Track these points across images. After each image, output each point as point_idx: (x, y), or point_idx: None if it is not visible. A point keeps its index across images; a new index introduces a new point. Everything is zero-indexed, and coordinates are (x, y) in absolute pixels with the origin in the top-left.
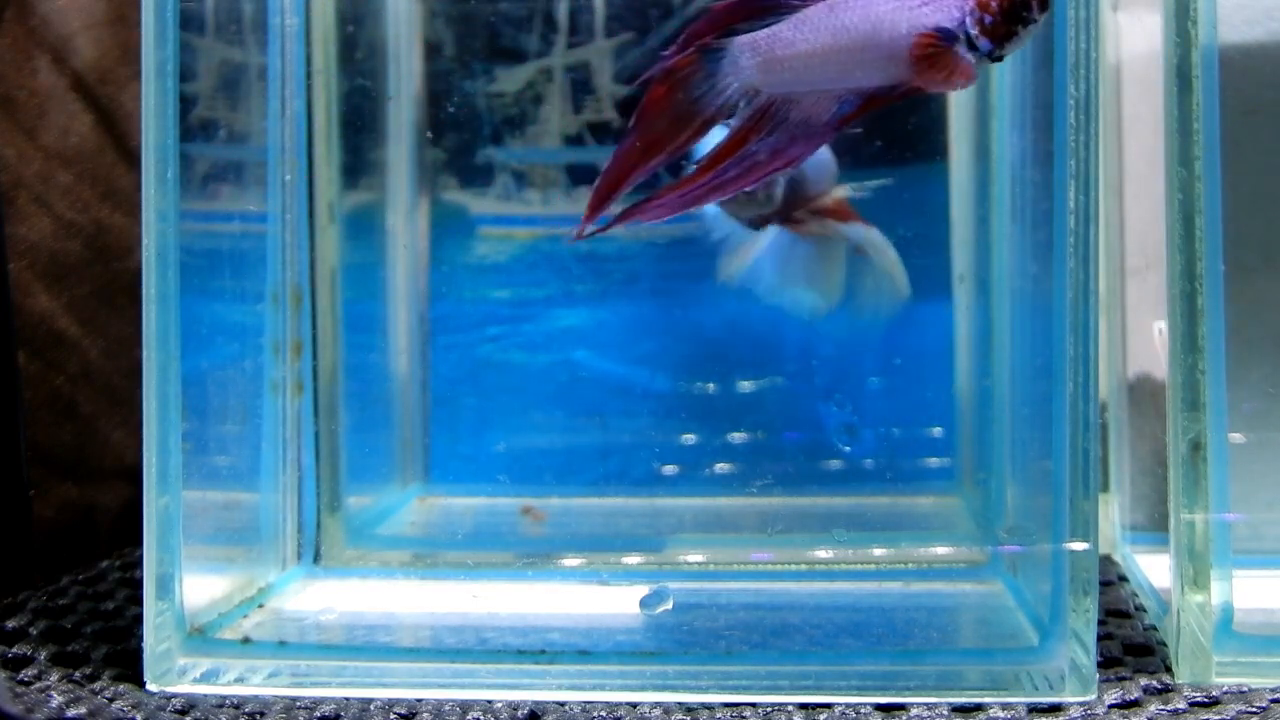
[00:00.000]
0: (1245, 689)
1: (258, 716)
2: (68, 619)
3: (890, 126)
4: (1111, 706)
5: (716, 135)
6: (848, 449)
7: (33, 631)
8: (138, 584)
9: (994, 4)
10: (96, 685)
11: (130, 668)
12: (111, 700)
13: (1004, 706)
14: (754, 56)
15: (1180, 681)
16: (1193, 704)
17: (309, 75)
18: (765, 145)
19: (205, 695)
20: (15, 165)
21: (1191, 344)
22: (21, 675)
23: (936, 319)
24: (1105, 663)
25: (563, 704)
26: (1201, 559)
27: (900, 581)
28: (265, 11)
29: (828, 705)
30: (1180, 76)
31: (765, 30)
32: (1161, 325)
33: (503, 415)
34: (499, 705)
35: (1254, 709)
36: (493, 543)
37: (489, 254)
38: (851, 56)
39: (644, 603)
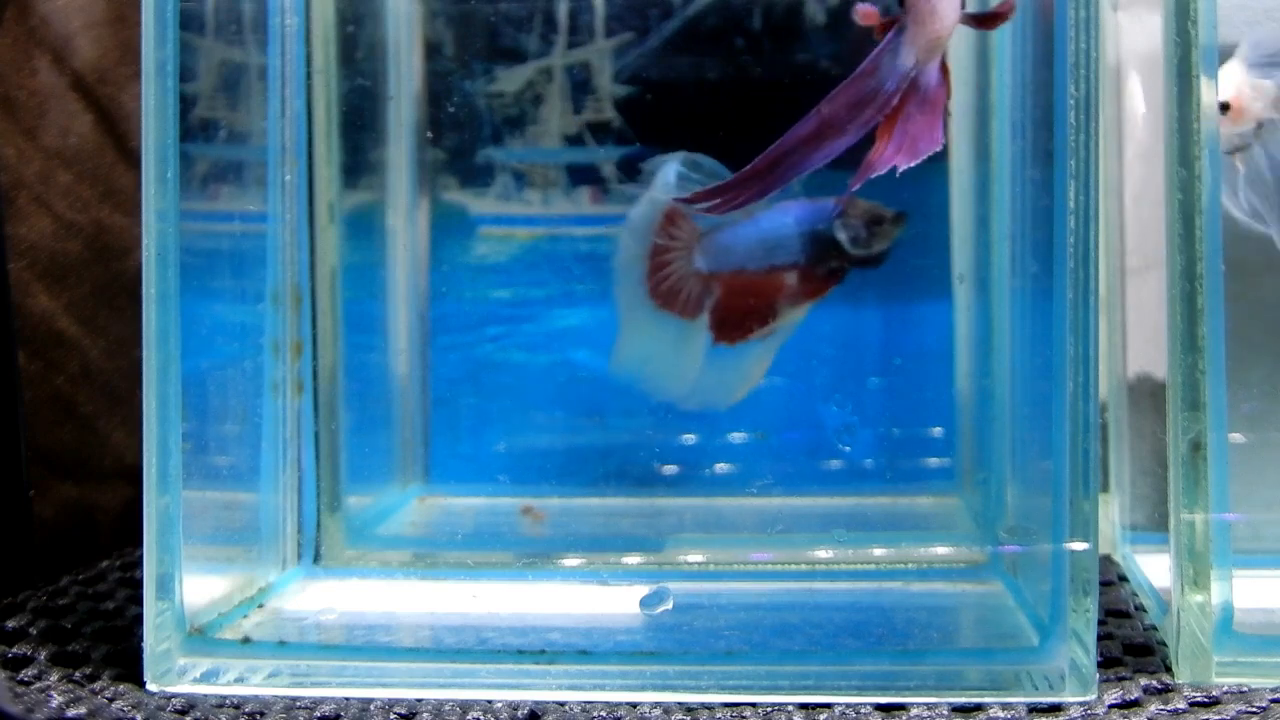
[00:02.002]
0: (1245, 689)
1: (258, 716)
2: (68, 619)
3: None
4: (1111, 706)
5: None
6: (848, 449)
7: (33, 631)
8: (138, 584)
9: None
10: (96, 685)
11: (130, 668)
12: (111, 700)
13: (1004, 706)
14: (919, 39)
15: (1180, 681)
16: (1193, 704)
17: (309, 75)
18: (913, 108)
19: (205, 695)
20: (15, 165)
21: (1191, 344)
22: (21, 675)
23: (936, 319)
24: (1105, 663)
25: (563, 704)
26: (1201, 559)
27: (900, 581)
28: (265, 11)
29: (828, 705)
30: (1180, 76)
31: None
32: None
33: (503, 415)
34: (499, 705)
35: (1254, 709)
36: (493, 543)
37: (489, 254)
38: None
39: (644, 603)
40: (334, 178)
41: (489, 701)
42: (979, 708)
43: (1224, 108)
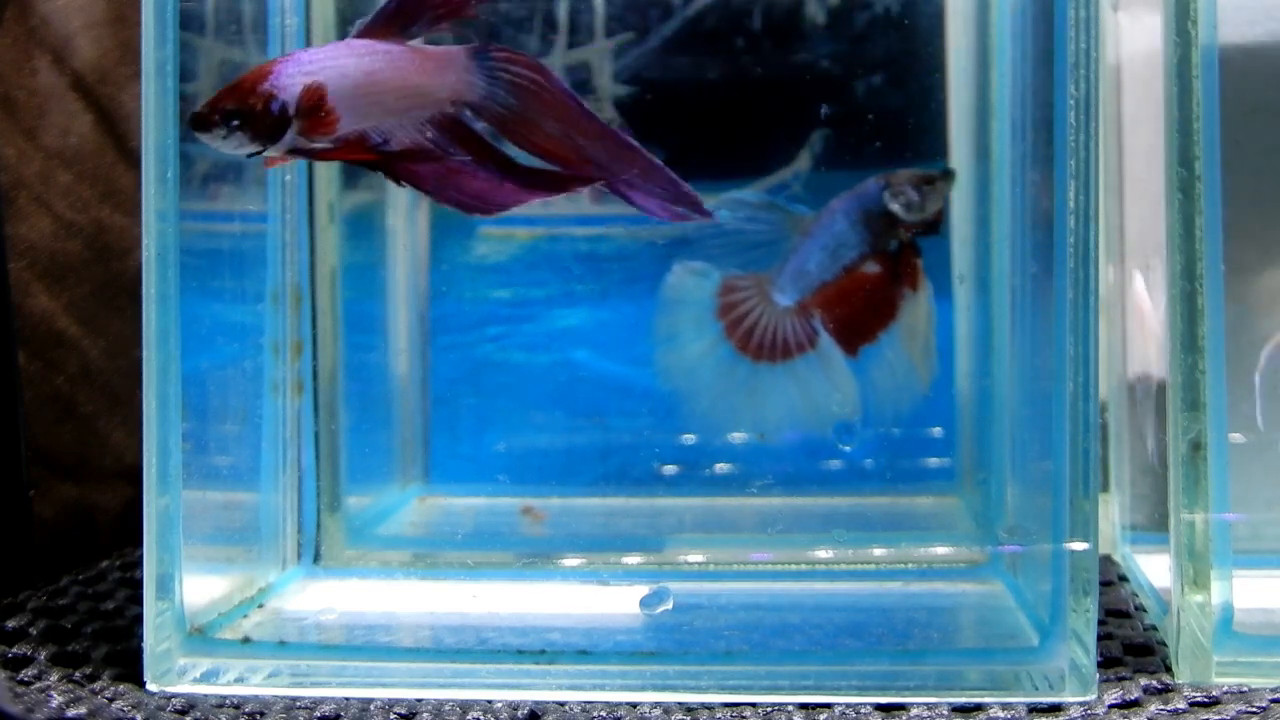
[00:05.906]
0: (1245, 689)
1: (258, 716)
2: (68, 619)
3: (890, 127)
4: (1111, 706)
5: None
6: (848, 449)
7: (33, 631)
8: (138, 584)
9: None
10: (96, 685)
11: (130, 668)
12: (111, 700)
13: (1004, 706)
14: None
15: (1180, 681)
16: (1193, 704)
17: None
18: None
19: (205, 695)
20: (15, 165)
21: (1191, 344)
22: (21, 675)
23: (937, 319)
24: (1105, 663)
25: (563, 704)
26: (1201, 559)
27: (900, 581)
28: (265, 11)
29: (828, 705)
30: (1180, 76)
31: None
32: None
33: (503, 415)
34: (499, 705)
35: (1254, 709)
36: (493, 543)
37: (489, 254)
38: None
39: (644, 603)
40: (334, 178)
41: (489, 701)
42: (979, 708)
43: None
